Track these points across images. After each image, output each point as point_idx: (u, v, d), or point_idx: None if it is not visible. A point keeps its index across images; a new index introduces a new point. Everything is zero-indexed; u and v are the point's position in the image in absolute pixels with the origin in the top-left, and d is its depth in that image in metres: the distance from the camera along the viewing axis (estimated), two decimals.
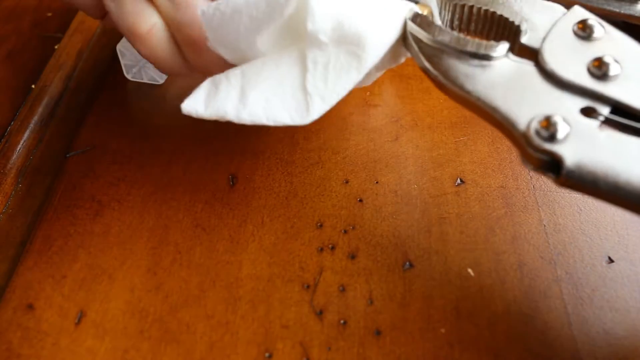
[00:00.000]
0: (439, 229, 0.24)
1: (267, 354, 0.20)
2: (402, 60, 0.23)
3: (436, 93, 0.31)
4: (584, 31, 0.19)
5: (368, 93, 0.30)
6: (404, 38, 0.21)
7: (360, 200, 0.26)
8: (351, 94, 0.22)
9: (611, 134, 0.17)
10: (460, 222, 0.25)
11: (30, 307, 0.22)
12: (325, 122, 0.29)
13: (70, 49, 0.32)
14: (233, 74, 0.21)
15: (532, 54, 0.19)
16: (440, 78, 0.19)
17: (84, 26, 0.34)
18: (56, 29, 0.35)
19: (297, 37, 0.21)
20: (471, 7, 0.21)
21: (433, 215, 0.25)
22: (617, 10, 0.34)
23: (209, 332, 0.21)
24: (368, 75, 0.23)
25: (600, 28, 0.19)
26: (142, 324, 0.21)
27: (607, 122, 0.18)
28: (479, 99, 0.19)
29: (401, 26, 0.21)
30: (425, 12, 0.21)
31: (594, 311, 0.21)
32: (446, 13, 0.22)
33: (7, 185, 0.26)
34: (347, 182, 0.26)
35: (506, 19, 0.21)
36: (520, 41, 0.20)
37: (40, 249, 0.24)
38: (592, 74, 0.18)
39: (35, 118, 0.29)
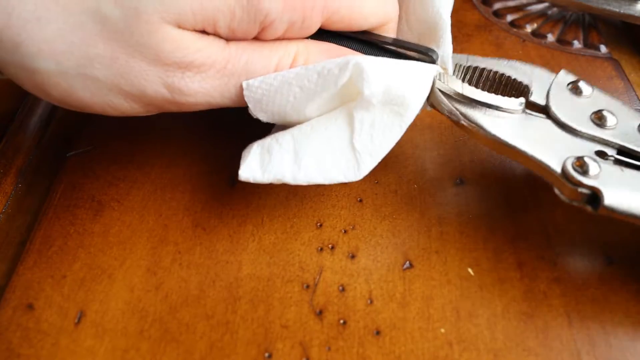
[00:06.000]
0: (439, 229, 0.24)
1: (267, 354, 0.20)
2: (419, 111, 0.24)
3: None
4: (576, 90, 0.23)
5: None
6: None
7: (360, 200, 0.26)
8: None
9: (630, 171, 0.21)
10: (460, 222, 0.25)
11: (30, 307, 0.22)
12: None
13: None
14: (284, 139, 0.23)
15: (541, 109, 0.23)
16: (474, 127, 0.23)
17: None
18: None
19: (345, 101, 0.23)
20: (482, 69, 0.25)
21: (433, 215, 0.25)
22: (617, 10, 0.34)
23: (208, 332, 0.21)
24: None
25: (588, 87, 0.23)
26: (142, 323, 0.21)
27: (617, 162, 0.21)
28: (511, 145, 0.22)
29: (431, 85, 0.23)
30: (444, 72, 0.24)
31: (594, 311, 0.21)
32: (459, 73, 0.25)
33: (7, 185, 0.26)
34: None
35: (515, 80, 0.24)
36: (529, 99, 0.24)
37: (40, 249, 0.24)
38: (595, 123, 0.22)
39: (35, 118, 0.29)
